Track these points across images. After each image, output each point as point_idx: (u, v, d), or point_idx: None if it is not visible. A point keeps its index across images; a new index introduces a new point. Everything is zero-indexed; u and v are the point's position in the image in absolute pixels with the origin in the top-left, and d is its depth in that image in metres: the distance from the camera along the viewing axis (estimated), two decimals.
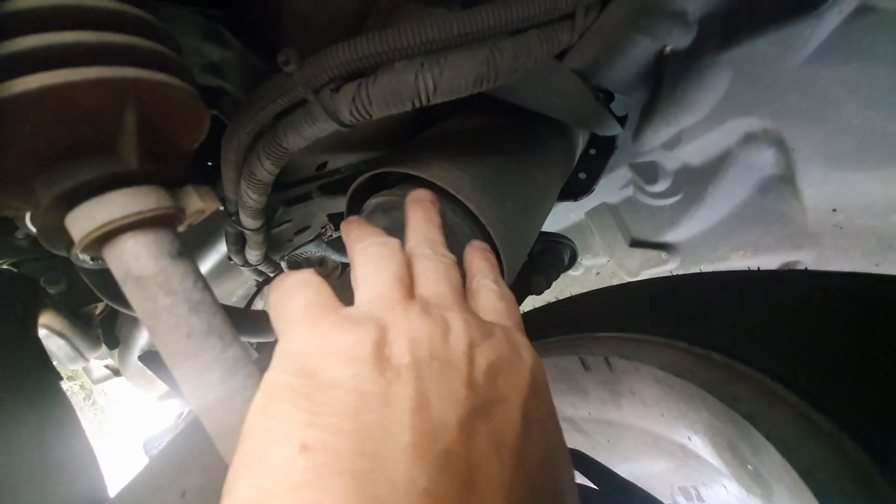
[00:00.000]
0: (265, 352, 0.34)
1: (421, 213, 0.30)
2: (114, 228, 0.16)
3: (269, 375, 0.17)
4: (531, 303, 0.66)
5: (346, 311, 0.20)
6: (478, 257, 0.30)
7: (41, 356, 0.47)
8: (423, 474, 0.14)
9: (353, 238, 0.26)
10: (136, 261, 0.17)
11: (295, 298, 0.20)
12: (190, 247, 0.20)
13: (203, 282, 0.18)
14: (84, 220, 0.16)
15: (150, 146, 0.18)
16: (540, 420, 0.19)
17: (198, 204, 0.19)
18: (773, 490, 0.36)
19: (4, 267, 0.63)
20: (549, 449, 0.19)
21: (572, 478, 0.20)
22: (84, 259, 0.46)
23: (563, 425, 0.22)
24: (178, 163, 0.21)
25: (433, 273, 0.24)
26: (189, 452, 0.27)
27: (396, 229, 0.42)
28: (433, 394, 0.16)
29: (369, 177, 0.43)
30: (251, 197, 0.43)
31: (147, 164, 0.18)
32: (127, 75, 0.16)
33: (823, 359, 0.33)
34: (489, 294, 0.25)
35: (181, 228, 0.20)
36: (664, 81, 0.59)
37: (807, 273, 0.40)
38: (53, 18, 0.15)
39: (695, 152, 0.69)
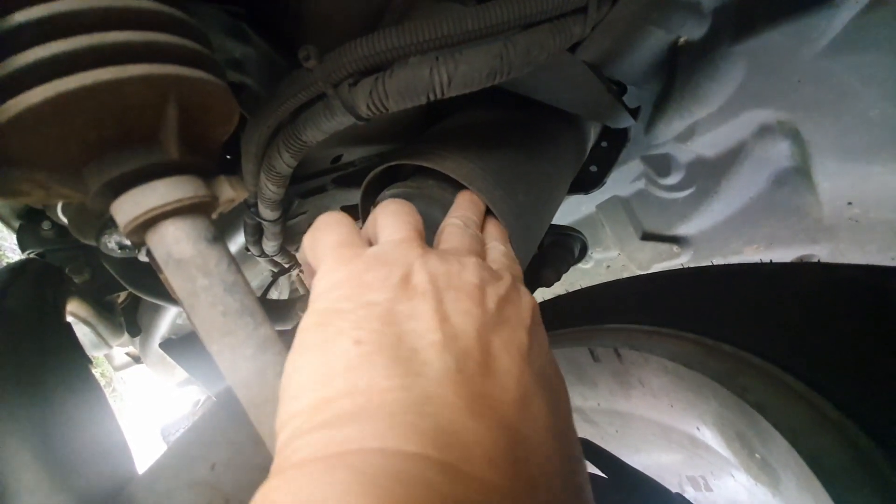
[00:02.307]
0: (286, 338, 0.35)
1: (468, 199, 0.35)
2: (157, 214, 0.18)
3: (316, 305, 0.20)
4: (541, 295, 0.67)
5: (373, 250, 0.23)
6: (492, 224, 0.36)
7: (72, 340, 0.49)
8: (451, 359, 0.17)
9: (376, 207, 0.29)
10: (177, 245, 0.18)
11: (327, 237, 0.23)
12: None
13: (236, 265, 0.19)
14: (130, 207, 0.18)
15: (188, 138, 0.19)
16: (540, 344, 0.22)
17: (229, 193, 0.21)
18: (781, 478, 0.36)
19: (32, 257, 0.65)
20: (550, 365, 0.23)
21: (567, 398, 0.23)
22: (112, 248, 0.49)
23: (573, 416, 0.24)
24: (210, 154, 0.22)
25: (457, 236, 0.28)
26: (217, 428, 0.28)
27: None
28: (452, 311, 0.20)
29: (383, 169, 0.44)
30: (270, 189, 0.44)
31: (185, 155, 0.19)
32: (170, 72, 0.17)
33: (831, 349, 0.33)
34: (498, 252, 0.29)
35: (213, 216, 0.22)
36: (678, 73, 0.59)
37: (814, 265, 0.40)
38: (103, 18, 0.16)
39: (708, 144, 0.69)
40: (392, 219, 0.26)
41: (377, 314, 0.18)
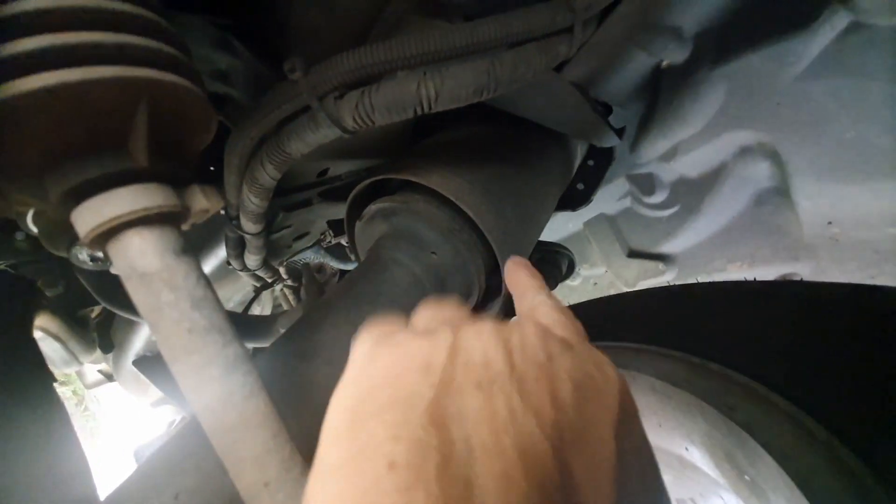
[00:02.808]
0: (261, 356, 0.34)
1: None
2: (119, 224, 0.17)
3: (345, 396, 0.17)
4: None
5: (413, 325, 0.20)
6: (524, 274, 0.26)
7: (37, 358, 0.47)
8: None
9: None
10: (142, 257, 0.17)
11: (368, 330, 0.20)
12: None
13: (205, 279, 0.18)
14: (91, 215, 0.16)
15: (160, 146, 0.18)
16: (635, 449, 0.17)
17: (202, 203, 0.20)
18: (770, 500, 0.36)
19: (2, 269, 0.63)
20: (648, 483, 0.18)
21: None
22: (84, 260, 0.47)
23: None
24: (185, 163, 0.21)
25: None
26: (184, 454, 0.26)
27: (396, 235, 0.43)
28: (518, 410, 0.15)
29: (370, 183, 0.44)
30: (253, 201, 0.43)
31: (156, 163, 0.18)
32: (142, 75, 0.16)
33: (818, 368, 0.33)
34: (548, 310, 0.22)
35: (185, 227, 0.21)
36: (661, 95, 0.60)
37: (801, 284, 0.40)
38: (73, 18, 0.15)
39: (691, 164, 0.70)
40: (432, 303, 0.22)
41: (420, 413, 0.15)
